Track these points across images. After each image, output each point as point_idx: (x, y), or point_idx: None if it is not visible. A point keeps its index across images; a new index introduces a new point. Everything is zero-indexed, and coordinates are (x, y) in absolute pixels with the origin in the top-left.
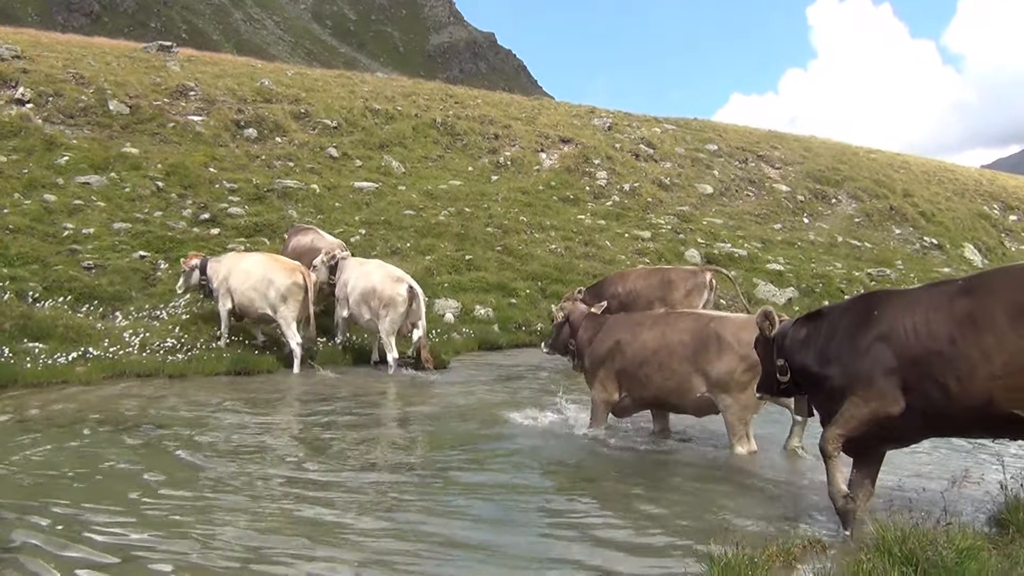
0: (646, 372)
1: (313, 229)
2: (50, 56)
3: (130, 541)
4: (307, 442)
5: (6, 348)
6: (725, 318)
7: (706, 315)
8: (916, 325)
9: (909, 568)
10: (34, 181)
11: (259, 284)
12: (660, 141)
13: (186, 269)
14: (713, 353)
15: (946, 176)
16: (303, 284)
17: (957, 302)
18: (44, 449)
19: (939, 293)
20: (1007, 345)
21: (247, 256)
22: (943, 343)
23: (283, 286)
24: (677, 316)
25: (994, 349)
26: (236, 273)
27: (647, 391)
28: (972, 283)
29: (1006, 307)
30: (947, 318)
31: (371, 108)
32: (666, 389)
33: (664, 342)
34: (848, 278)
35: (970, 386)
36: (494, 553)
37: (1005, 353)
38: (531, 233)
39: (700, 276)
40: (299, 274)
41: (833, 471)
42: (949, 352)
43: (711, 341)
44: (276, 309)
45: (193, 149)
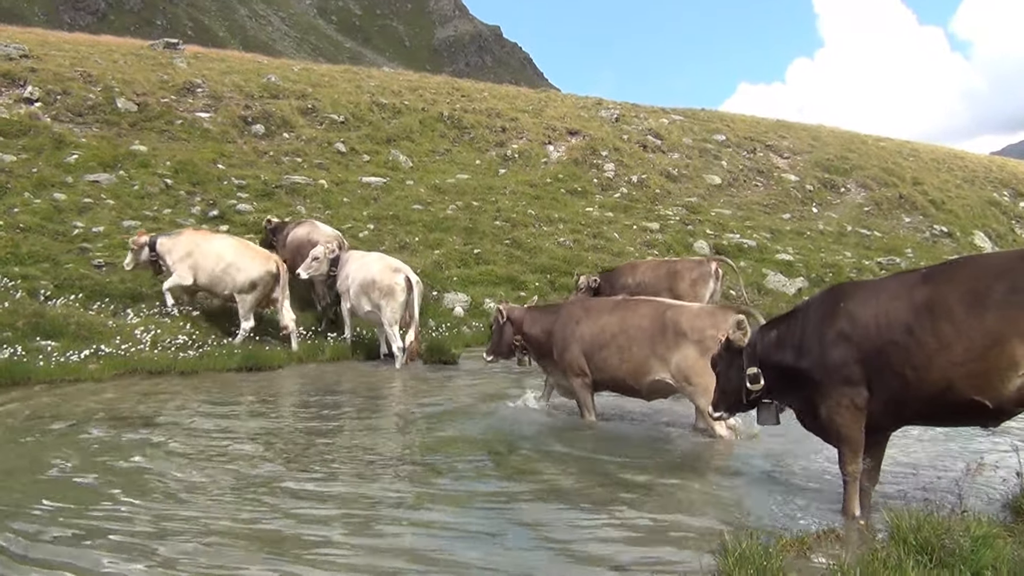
0: (605, 356)
1: (309, 221)
2: (58, 55)
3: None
4: (293, 445)
5: (19, 346)
6: (682, 306)
7: (664, 303)
8: (877, 316)
9: (924, 556)
10: (44, 180)
11: (229, 268)
12: (668, 132)
13: (134, 247)
14: (671, 340)
15: (956, 163)
16: (276, 273)
17: (916, 291)
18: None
19: (900, 283)
20: (965, 332)
21: (214, 237)
22: (901, 332)
23: (256, 274)
24: (636, 302)
25: (952, 337)
26: (205, 254)
27: (605, 374)
28: (932, 272)
29: (963, 295)
30: (906, 307)
31: (378, 103)
32: (623, 372)
33: (623, 327)
34: (858, 267)
35: (928, 374)
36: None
37: (964, 340)
38: (539, 226)
39: (706, 266)
40: (273, 263)
41: (851, 493)
42: (906, 341)
43: (668, 328)
44: (241, 292)
45: (201, 146)
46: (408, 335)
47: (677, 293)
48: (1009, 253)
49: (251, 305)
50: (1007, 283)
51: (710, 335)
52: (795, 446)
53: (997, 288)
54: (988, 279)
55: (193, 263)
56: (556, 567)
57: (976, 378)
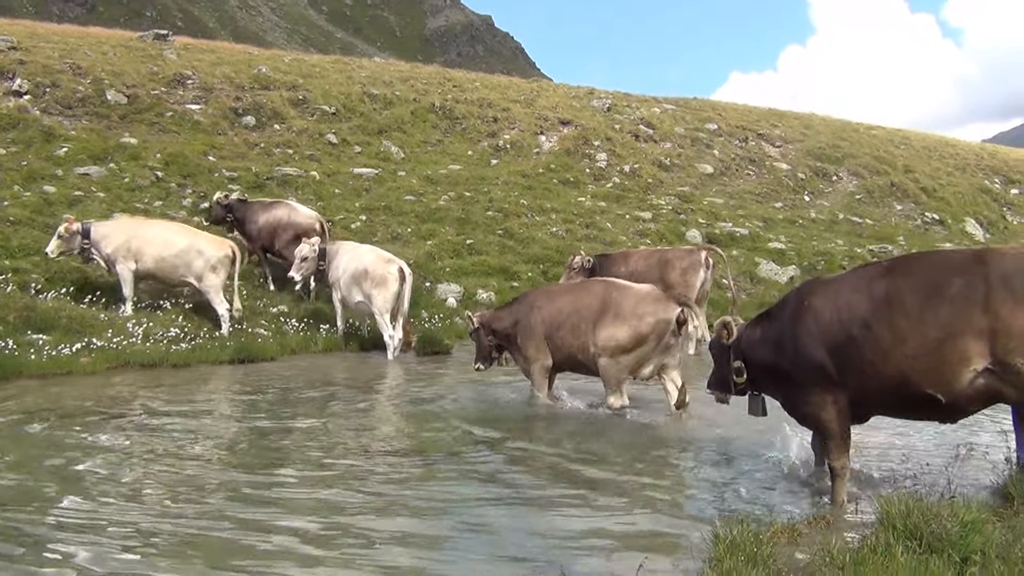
0: (562, 335)
1: (284, 203)
2: (46, 47)
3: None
4: (266, 445)
5: (10, 340)
6: (628, 288)
7: (614, 283)
8: (839, 310)
9: (913, 542)
10: (33, 173)
11: (184, 253)
12: (660, 121)
13: (65, 234)
14: (609, 318)
15: (947, 151)
16: (232, 256)
17: (875, 285)
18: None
19: (860, 277)
20: (919, 326)
21: (152, 222)
22: (859, 326)
23: (214, 258)
24: (591, 283)
25: (907, 330)
26: (147, 240)
27: (562, 353)
28: (891, 266)
29: (918, 289)
30: (865, 301)
31: (369, 93)
32: (575, 349)
33: (576, 307)
34: (850, 255)
35: (885, 367)
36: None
37: (918, 334)
38: (532, 216)
39: (696, 255)
40: (228, 247)
41: (839, 487)
42: (864, 335)
43: (611, 307)
44: (203, 278)
45: (192, 138)
46: (396, 328)
47: (668, 282)
48: (965, 251)
49: (219, 287)
50: (962, 280)
51: (648, 321)
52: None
53: (952, 284)
54: (943, 275)
55: (135, 249)
56: (549, 555)
57: (929, 372)
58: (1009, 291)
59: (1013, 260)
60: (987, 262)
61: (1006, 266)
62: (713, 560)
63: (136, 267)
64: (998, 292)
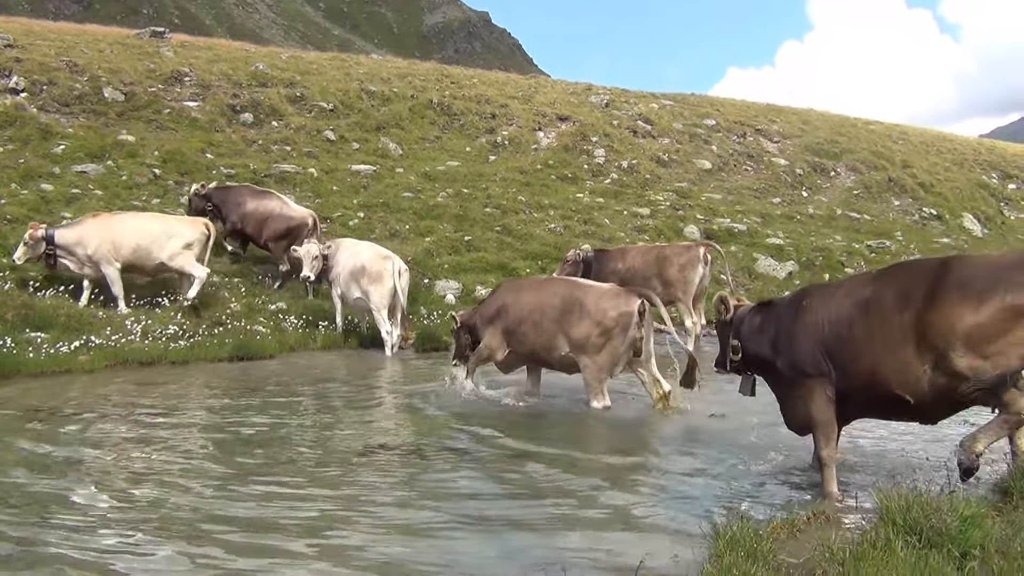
0: (523, 330)
1: (272, 193)
2: (43, 44)
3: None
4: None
5: (8, 338)
6: (591, 287)
7: (576, 282)
8: (831, 312)
9: (913, 537)
10: (31, 171)
11: (159, 237)
12: (658, 117)
13: (30, 241)
14: (575, 317)
15: (945, 146)
16: (208, 234)
17: (862, 290)
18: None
19: (854, 282)
20: (886, 328)
21: (121, 215)
22: (844, 328)
23: (190, 237)
24: (553, 282)
25: (876, 332)
26: (122, 233)
27: (524, 347)
28: (880, 273)
29: (891, 294)
30: (852, 304)
31: (367, 90)
32: (538, 346)
33: (539, 304)
34: (848, 251)
35: (860, 366)
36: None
37: (884, 336)
38: (530, 212)
39: (694, 251)
40: (202, 224)
41: (828, 476)
42: (846, 336)
43: (575, 306)
44: (176, 257)
45: (189, 135)
46: (395, 324)
47: (666, 278)
48: (934, 260)
49: (191, 260)
50: (924, 285)
51: (611, 316)
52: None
53: (916, 289)
54: (913, 282)
55: (112, 245)
56: (548, 551)
57: (895, 373)
58: (960, 293)
59: (973, 265)
60: (950, 268)
61: (964, 271)
62: (713, 556)
63: (119, 264)
64: (949, 294)
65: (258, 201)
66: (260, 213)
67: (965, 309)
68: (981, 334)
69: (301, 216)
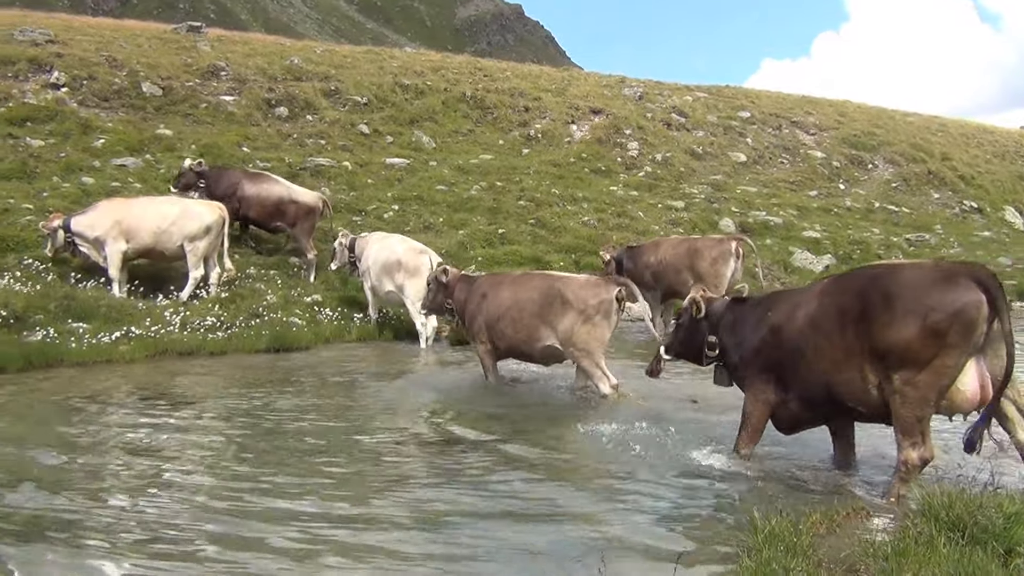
0: (502, 326)
1: (268, 176)
2: (83, 40)
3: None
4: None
5: (51, 328)
6: (569, 279)
7: (553, 275)
8: (788, 323)
9: (956, 533)
10: (72, 164)
11: (179, 219)
12: (692, 110)
13: (48, 232)
14: (557, 309)
15: (985, 138)
16: (225, 217)
17: (812, 303)
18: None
19: (807, 294)
20: (832, 344)
21: (138, 199)
22: (797, 340)
23: (209, 219)
24: (530, 276)
25: (825, 347)
26: (139, 216)
27: (503, 342)
28: (834, 282)
29: (841, 307)
30: (804, 317)
31: (400, 84)
32: (518, 340)
33: (516, 299)
34: (886, 244)
35: (811, 378)
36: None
37: (831, 351)
38: (563, 205)
39: (726, 244)
40: (218, 209)
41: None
42: (802, 347)
43: (556, 299)
44: (195, 239)
45: (225, 129)
46: (429, 317)
47: (698, 271)
48: (873, 270)
49: (202, 253)
50: (858, 299)
51: (592, 304)
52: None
53: (855, 304)
54: (853, 296)
55: (126, 229)
56: (585, 546)
57: (845, 386)
58: (889, 309)
59: (899, 280)
60: (881, 280)
61: (893, 284)
62: (752, 550)
63: (129, 246)
64: (880, 311)
65: (259, 185)
66: (265, 198)
67: (890, 327)
68: (904, 352)
69: (313, 200)
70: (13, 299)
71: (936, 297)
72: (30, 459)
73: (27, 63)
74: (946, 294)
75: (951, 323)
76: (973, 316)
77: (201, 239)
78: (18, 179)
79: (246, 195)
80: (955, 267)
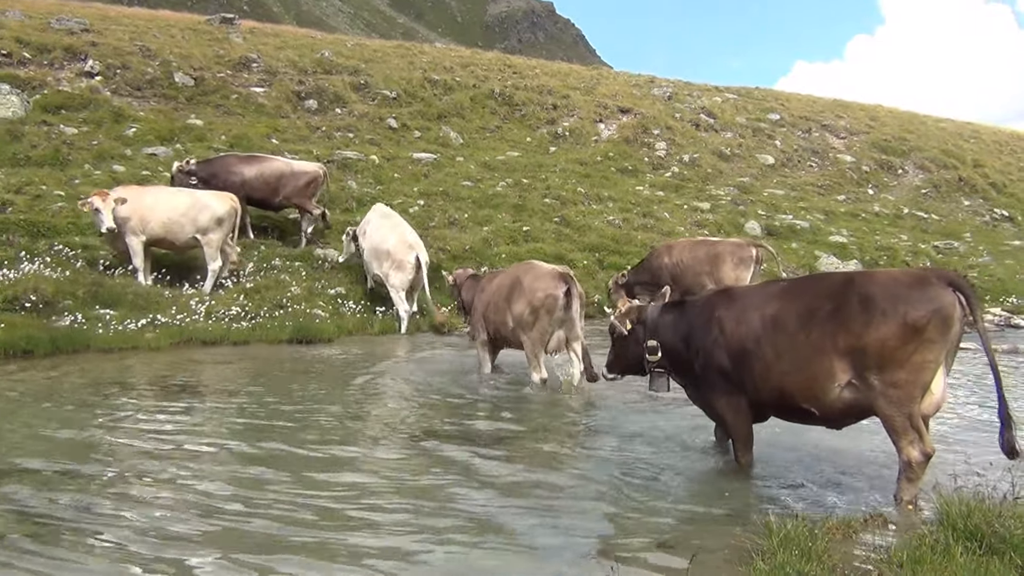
0: (487, 313)
1: (261, 155)
2: (117, 29)
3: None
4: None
5: (79, 314)
6: (531, 267)
7: (526, 265)
8: (740, 324)
9: (973, 543)
10: (104, 152)
11: (190, 210)
12: (721, 111)
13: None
14: (515, 296)
15: (1019, 145)
16: (237, 207)
17: (769, 305)
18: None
19: (761, 295)
20: (794, 345)
21: (153, 190)
22: (752, 341)
23: (221, 210)
24: (514, 266)
25: (785, 349)
26: (153, 207)
27: (490, 328)
28: (787, 288)
29: (798, 312)
30: (759, 319)
31: (429, 79)
32: (496, 324)
33: (498, 287)
34: (914, 250)
35: (768, 380)
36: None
37: (792, 352)
38: (589, 204)
39: (747, 250)
40: (229, 199)
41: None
42: (755, 349)
43: (516, 287)
44: (208, 231)
45: (255, 120)
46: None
47: (718, 276)
48: (841, 274)
49: (219, 243)
50: (831, 303)
51: (538, 296)
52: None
53: (824, 307)
54: (819, 299)
55: (141, 218)
56: (598, 545)
57: (802, 387)
58: (867, 312)
59: (875, 282)
60: (854, 284)
61: (868, 288)
62: (766, 553)
63: (144, 237)
64: (857, 313)
65: (258, 165)
66: (274, 177)
67: (869, 327)
68: (884, 351)
69: (314, 169)
70: (43, 284)
71: (914, 297)
72: (45, 446)
73: (63, 51)
74: (923, 293)
75: (929, 319)
76: (950, 313)
77: (214, 231)
78: (51, 166)
79: (248, 178)
80: (927, 271)
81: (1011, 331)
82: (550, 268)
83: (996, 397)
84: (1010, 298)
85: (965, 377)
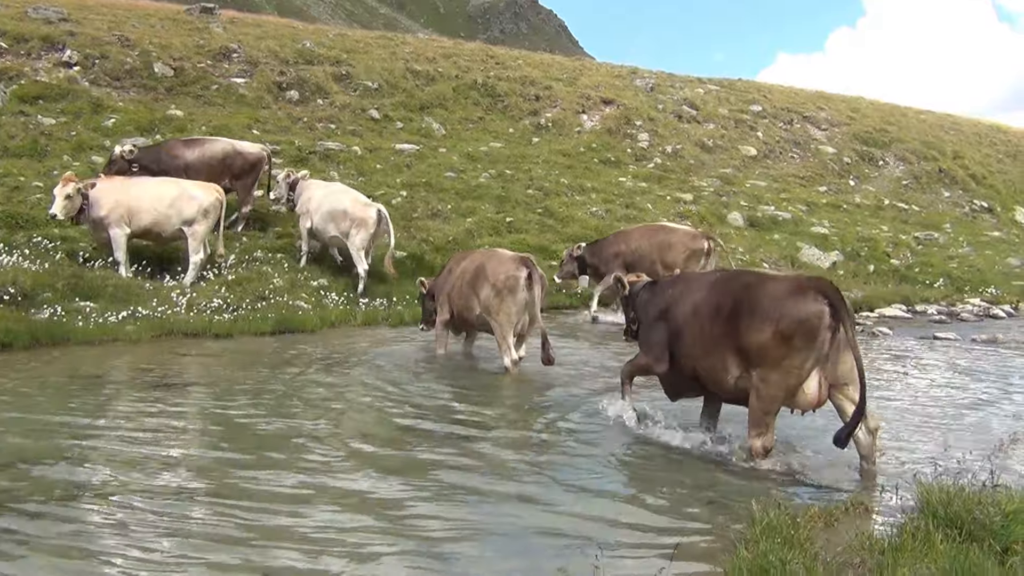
0: (453, 296)
1: (205, 137)
2: (96, 19)
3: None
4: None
5: (59, 306)
6: (494, 255)
7: (488, 252)
8: (681, 307)
9: (953, 530)
10: (82, 143)
11: (176, 201)
12: (703, 102)
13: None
14: (480, 282)
15: (998, 137)
16: (222, 199)
17: (698, 294)
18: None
19: (699, 282)
20: (703, 336)
21: (139, 181)
22: (681, 325)
23: (207, 201)
24: (476, 252)
25: (697, 336)
26: (140, 198)
27: (455, 309)
28: (719, 277)
29: (712, 306)
30: (690, 305)
31: (412, 69)
32: (460, 307)
33: (462, 271)
34: (894, 241)
35: (686, 362)
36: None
37: (702, 342)
38: (572, 195)
39: (699, 241)
40: (215, 191)
41: (625, 390)
42: (682, 332)
43: (480, 272)
44: (194, 222)
45: (236, 111)
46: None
47: (669, 264)
48: (750, 276)
49: (203, 235)
50: (733, 303)
51: (500, 280)
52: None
53: (727, 305)
54: (727, 297)
55: (128, 210)
56: (581, 535)
57: (707, 374)
58: (752, 316)
59: (764, 290)
60: (751, 288)
61: (758, 294)
62: (749, 541)
63: (130, 229)
64: (746, 316)
65: (200, 148)
66: (211, 157)
67: (751, 330)
68: (761, 353)
69: (258, 152)
70: (22, 276)
71: (788, 306)
72: (32, 440)
73: (40, 41)
74: (795, 304)
75: (796, 329)
76: (815, 324)
77: (200, 222)
78: (29, 157)
79: (190, 161)
80: (807, 282)
81: (990, 321)
82: (512, 254)
83: (859, 398)
84: (989, 288)
85: (945, 367)
